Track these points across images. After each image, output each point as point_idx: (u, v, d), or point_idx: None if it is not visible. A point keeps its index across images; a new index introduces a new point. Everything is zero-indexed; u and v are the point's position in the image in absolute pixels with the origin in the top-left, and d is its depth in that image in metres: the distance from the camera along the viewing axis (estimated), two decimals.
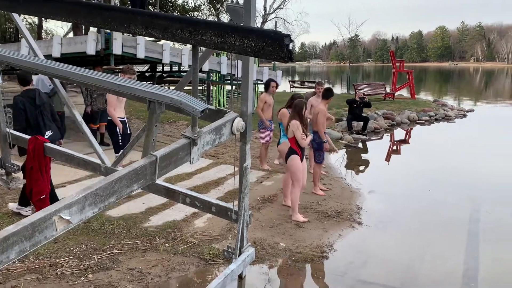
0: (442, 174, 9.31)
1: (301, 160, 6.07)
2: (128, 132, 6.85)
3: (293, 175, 6.07)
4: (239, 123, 2.95)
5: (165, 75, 19.96)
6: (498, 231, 6.11)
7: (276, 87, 8.79)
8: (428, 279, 4.68)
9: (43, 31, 31.87)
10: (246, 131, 3.09)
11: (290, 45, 2.35)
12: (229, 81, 14.60)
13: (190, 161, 2.62)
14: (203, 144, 2.68)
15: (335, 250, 5.28)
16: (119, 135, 6.72)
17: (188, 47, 10.00)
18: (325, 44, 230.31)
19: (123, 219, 5.60)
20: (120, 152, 3.39)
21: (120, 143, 6.68)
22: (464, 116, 19.02)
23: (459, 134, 14.97)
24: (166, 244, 4.97)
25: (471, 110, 20.70)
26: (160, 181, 3.57)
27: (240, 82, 3.14)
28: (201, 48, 2.66)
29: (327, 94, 7.54)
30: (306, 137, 6.05)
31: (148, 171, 2.32)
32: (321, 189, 7.41)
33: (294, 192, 6.08)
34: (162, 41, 9.64)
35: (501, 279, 4.74)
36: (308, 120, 7.48)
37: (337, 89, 28.71)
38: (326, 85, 11.31)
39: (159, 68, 14.87)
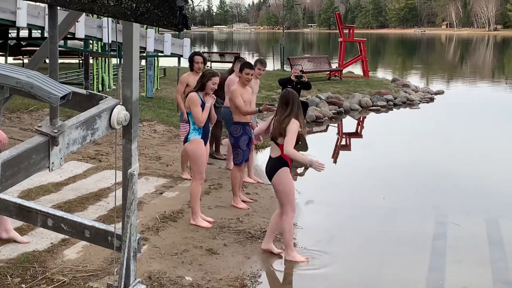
0: (401, 176, 9.83)
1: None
2: None
3: (285, 196, 5.90)
4: (120, 113, 2.96)
5: (23, 43, 19.25)
6: (469, 250, 6.55)
7: (204, 63, 8.65)
8: None
9: None
10: (131, 124, 3.11)
11: (185, 8, 2.41)
12: (115, 53, 14.37)
13: (48, 167, 2.60)
14: (67, 143, 2.67)
15: (259, 282, 5.41)
16: None
17: None
18: (253, 2, 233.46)
19: None
20: None
21: None
22: (431, 100, 20.11)
23: (423, 124, 15.80)
24: (23, 285, 4.85)
25: (440, 92, 21.94)
26: (8, 195, 3.49)
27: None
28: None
29: (240, 67, 7.75)
30: None
31: None
32: (243, 201, 7.54)
33: (287, 221, 5.91)
34: None
35: None
36: None
37: (268, 65, 29.14)
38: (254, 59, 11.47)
39: (13, 33, 14.32)
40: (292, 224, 6.04)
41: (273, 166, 5.91)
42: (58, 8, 2.71)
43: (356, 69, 27.11)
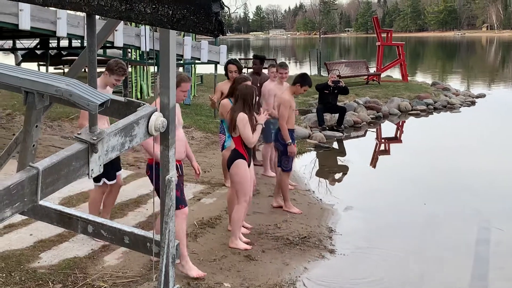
0: (442, 181, 9.68)
1: (248, 166, 6.16)
2: None
3: (239, 186, 6.11)
4: (158, 119, 2.98)
5: (64, 53, 19.60)
6: None
7: (239, 71, 8.47)
8: None
9: None
10: (169, 130, 3.13)
11: (221, 14, 2.41)
12: (152, 61, 14.55)
13: (88, 174, 2.62)
14: (106, 150, 2.69)
15: None
16: None
17: None
18: (289, 8, 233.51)
19: (2, 258, 5.49)
20: None
21: None
22: (473, 103, 19.78)
23: (465, 128, 15.57)
24: None
25: (481, 96, 21.56)
26: (50, 202, 3.54)
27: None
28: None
29: (300, 80, 7.54)
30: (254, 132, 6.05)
31: (26, 190, 2.30)
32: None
33: (238, 209, 6.14)
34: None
35: None
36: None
37: (305, 70, 29.11)
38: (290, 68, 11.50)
39: (54, 43, 14.61)
40: (242, 214, 6.19)
41: (230, 158, 6.21)
42: (97, 17, 2.75)
43: (395, 73, 26.86)
